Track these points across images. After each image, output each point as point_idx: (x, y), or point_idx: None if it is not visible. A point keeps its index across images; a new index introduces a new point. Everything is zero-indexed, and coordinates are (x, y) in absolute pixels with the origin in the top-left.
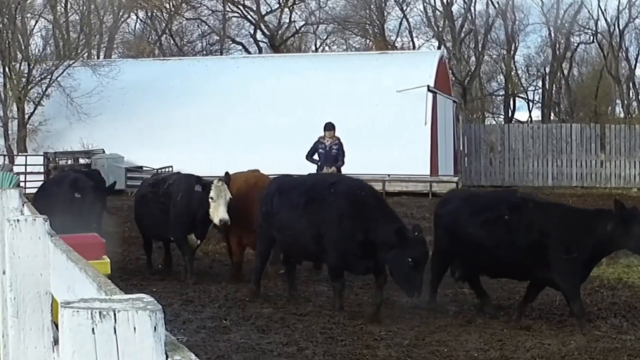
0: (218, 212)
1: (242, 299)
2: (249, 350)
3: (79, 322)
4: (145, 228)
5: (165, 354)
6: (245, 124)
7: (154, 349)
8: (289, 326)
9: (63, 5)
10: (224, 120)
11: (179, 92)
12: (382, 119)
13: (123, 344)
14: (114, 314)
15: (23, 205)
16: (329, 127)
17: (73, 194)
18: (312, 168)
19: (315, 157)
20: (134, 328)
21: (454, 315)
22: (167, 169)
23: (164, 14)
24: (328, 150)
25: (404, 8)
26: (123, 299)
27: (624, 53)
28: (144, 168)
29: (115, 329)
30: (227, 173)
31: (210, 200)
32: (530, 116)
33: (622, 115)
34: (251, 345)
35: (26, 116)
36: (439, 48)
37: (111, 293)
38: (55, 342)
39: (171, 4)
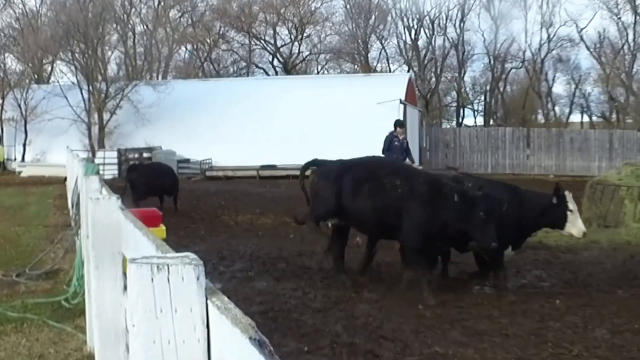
0: (578, 224)
1: (262, 256)
2: (267, 294)
3: (142, 273)
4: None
5: (206, 296)
6: (265, 128)
7: (197, 293)
8: (298, 276)
9: (132, 40)
10: (250, 125)
11: (217, 104)
12: (366, 123)
13: (174, 289)
14: (168, 267)
15: (102, 187)
16: (402, 123)
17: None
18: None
19: (388, 153)
20: (182, 277)
21: None
22: (207, 161)
23: (206, 46)
24: (401, 144)
25: (383, 42)
26: (174, 256)
27: (544, 76)
28: (191, 160)
29: (168, 278)
30: (557, 186)
31: (569, 212)
32: (475, 121)
33: (542, 121)
34: (269, 291)
35: (104, 122)
36: (408, 71)
37: (166, 252)
38: (125, 287)
39: (211, 39)
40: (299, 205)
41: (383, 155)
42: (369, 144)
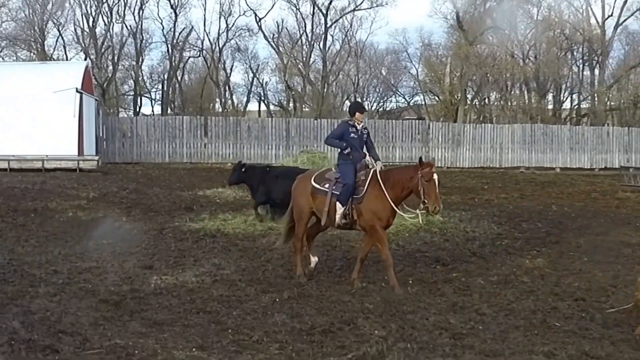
0: None
1: None
2: None
3: None
4: None
5: None
6: None
7: None
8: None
9: None
10: None
11: None
12: (43, 112)
13: None
14: None
15: None
16: (363, 108)
17: None
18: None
19: (338, 142)
20: None
21: (96, 260)
22: None
23: None
24: (360, 136)
25: (60, 29)
26: None
27: (222, 65)
28: None
29: None
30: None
31: None
32: (152, 110)
33: (220, 110)
34: None
35: None
36: (85, 59)
37: None
38: None
39: None
40: None
41: (327, 144)
42: (45, 134)
